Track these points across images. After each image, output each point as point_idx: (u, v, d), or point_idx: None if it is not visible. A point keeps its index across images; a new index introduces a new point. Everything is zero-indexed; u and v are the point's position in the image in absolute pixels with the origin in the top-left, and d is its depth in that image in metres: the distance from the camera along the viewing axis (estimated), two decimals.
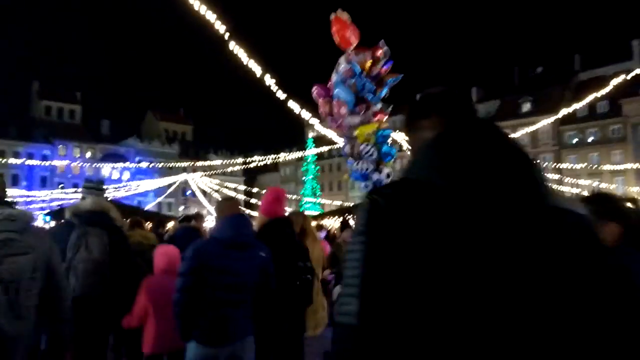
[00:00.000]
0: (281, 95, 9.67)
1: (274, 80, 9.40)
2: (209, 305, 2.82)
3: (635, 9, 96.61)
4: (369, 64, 5.51)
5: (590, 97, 12.64)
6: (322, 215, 22.66)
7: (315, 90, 5.76)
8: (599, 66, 48.84)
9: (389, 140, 5.93)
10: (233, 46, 7.53)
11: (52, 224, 15.72)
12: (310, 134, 40.20)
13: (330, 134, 14.68)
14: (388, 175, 6.17)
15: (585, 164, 34.67)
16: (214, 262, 2.84)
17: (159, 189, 37.23)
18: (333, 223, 19.71)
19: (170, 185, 31.48)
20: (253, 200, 38.60)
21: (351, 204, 38.57)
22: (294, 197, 43.42)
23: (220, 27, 7.07)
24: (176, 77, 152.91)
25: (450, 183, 0.91)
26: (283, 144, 59.25)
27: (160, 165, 30.01)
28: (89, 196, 3.70)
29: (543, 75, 52.99)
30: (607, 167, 33.75)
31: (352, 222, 14.13)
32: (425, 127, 1.11)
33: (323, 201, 41.70)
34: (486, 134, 0.99)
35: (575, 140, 46.32)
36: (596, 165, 35.29)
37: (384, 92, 5.82)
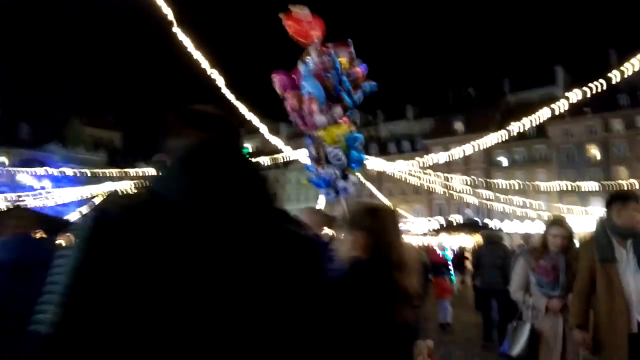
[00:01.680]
0: (228, 94, 8.84)
1: (222, 79, 8.59)
2: None
3: (559, 37, 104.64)
4: (344, 61, 4.88)
5: (538, 114, 12.85)
6: None
7: (278, 79, 4.99)
8: (525, 89, 51.78)
9: (359, 146, 5.30)
10: (180, 35, 6.67)
11: None
12: (246, 144, 39.19)
13: (277, 141, 13.97)
14: (354, 184, 5.54)
15: (518, 181, 36.14)
16: None
17: (82, 199, 34.57)
18: None
19: (95, 195, 29.23)
20: None
21: None
22: None
23: (168, 12, 6.19)
24: (105, 79, 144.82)
25: (190, 201, 0.93)
26: None
27: (85, 172, 27.81)
28: None
29: (474, 97, 55.39)
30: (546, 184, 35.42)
31: None
32: (180, 140, 1.11)
33: None
34: (230, 156, 1.03)
35: (503, 160, 48.53)
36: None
37: (359, 96, 5.18)
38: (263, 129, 11.46)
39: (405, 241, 2.07)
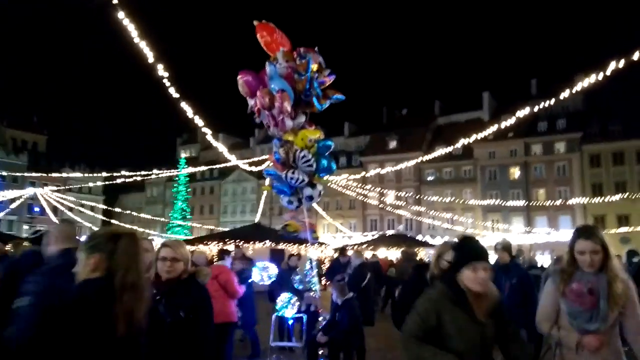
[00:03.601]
0: (173, 93, 8.46)
1: (167, 75, 8.22)
2: None
3: (487, 66, 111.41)
4: (315, 67, 4.80)
5: (471, 138, 13.42)
6: (197, 240, 21.07)
7: (244, 78, 4.81)
8: (454, 112, 54.47)
9: (329, 154, 5.21)
10: (124, 21, 6.25)
11: None
12: (183, 154, 38.00)
13: (221, 148, 13.58)
14: (320, 193, 5.40)
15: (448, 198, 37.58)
16: None
17: None
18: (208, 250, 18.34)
19: (13, 200, 26.96)
20: (114, 221, 34.91)
21: (224, 229, 37.09)
22: (162, 219, 40.49)
23: None
24: (30, 75, 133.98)
25: None
26: (150, 162, 55.17)
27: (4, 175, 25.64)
28: None
29: (407, 117, 57.39)
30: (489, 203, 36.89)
31: (231, 249, 13.12)
32: None
33: (193, 224, 39.38)
34: None
35: (433, 178, 50.48)
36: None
37: (327, 104, 5.11)
38: (208, 133, 11.09)
39: None
